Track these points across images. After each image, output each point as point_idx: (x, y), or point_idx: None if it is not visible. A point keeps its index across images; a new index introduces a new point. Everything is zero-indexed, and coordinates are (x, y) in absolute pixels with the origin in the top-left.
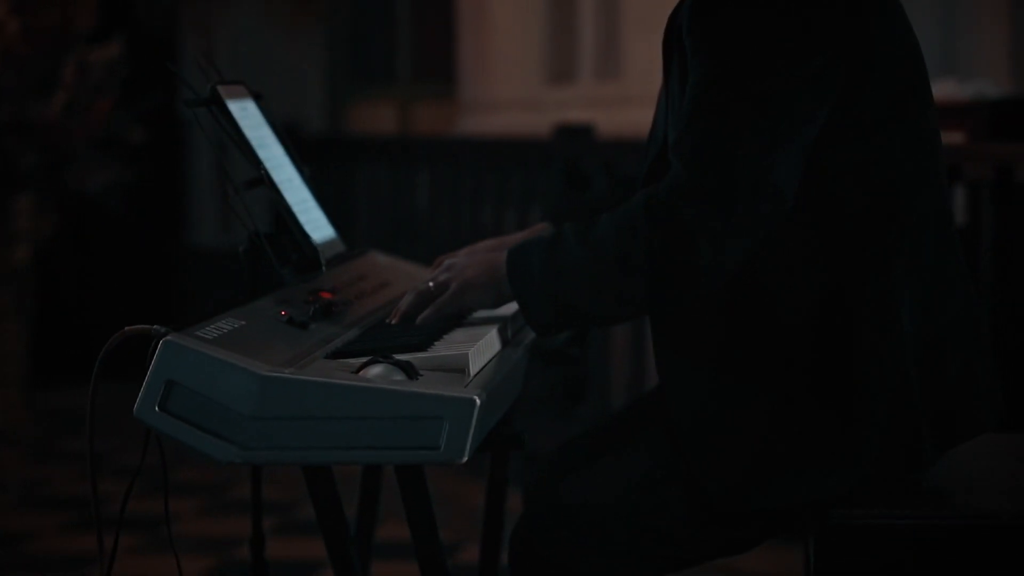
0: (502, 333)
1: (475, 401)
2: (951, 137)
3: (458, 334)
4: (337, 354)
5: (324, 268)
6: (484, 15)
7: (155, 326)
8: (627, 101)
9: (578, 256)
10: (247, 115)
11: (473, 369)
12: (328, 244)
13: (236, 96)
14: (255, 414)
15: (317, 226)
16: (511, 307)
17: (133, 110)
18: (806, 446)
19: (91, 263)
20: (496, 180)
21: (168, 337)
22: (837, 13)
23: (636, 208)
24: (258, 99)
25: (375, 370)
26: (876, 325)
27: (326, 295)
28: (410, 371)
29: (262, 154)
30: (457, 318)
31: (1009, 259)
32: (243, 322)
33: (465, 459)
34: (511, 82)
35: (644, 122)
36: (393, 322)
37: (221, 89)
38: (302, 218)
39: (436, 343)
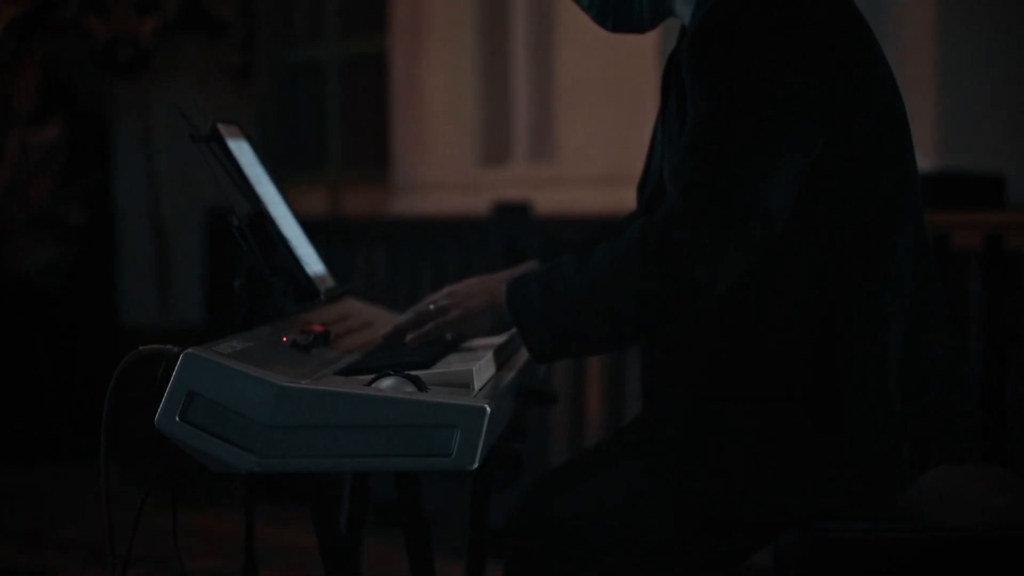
0: (496, 358)
1: (486, 409)
2: None
3: (454, 358)
4: (346, 371)
5: (323, 297)
6: (418, 97)
7: (168, 346)
8: (561, 182)
9: (575, 283)
10: (243, 153)
11: (477, 385)
12: (321, 278)
13: (233, 135)
14: (273, 423)
15: (310, 261)
16: (502, 336)
17: (71, 190)
18: (792, 462)
19: (26, 342)
20: (434, 259)
21: (190, 350)
22: (832, 50)
23: (632, 235)
24: (249, 140)
25: (387, 382)
26: (863, 349)
27: (319, 328)
28: (419, 384)
29: (259, 191)
30: (451, 345)
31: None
32: (250, 344)
33: (476, 466)
34: (446, 164)
35: (579, 201)
36: (389, 334)
37: (221, 127)
38: (298, 252)
39: (438, 363)
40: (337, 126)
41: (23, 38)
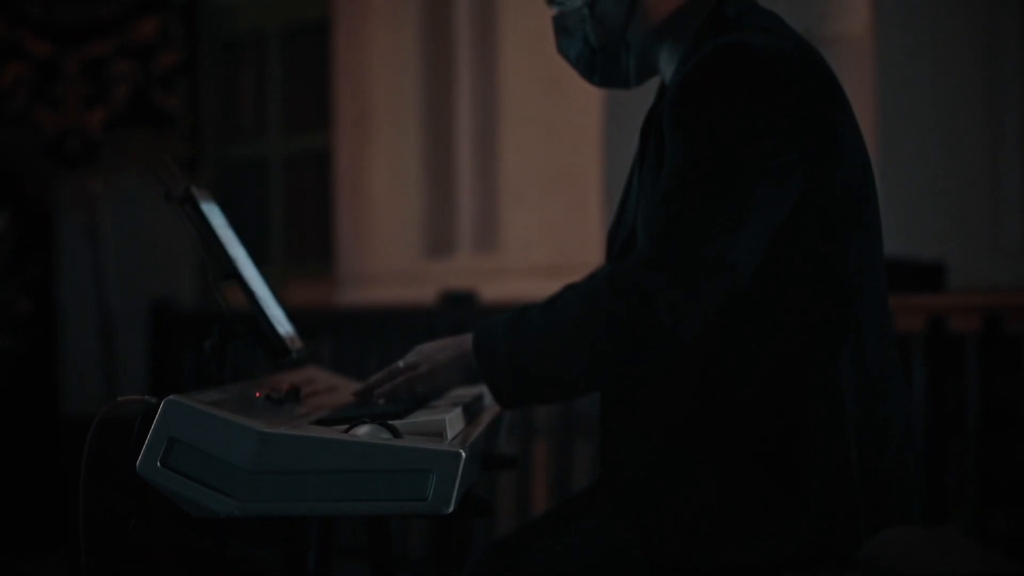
0: (465, 414)
1: (461, 454)
2: None
3: (424, 412)
4: (322, 421)
5: (294, 355)
6: (362, 190)
7: (147, 397)
8: (506, 272)
9: (541, 326)
10: (215, 215)
11: (450, 434)
12: (291, 338)
13: (205, 198)
14: (254, 469)
15: (280, 321)
16: (470, 391)
17: (16, 281)
18: (751, 515)
19: None
20: (380, 349)
21: (171, 397)
22: (808, 115)
23: (599, 279)
24: (220, 204)
25: (363, 429)
26: (822, 406)
27: (288, 386)
28: (394, 431)
29: (231, 252)
30: (421, 401)
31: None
32: (225, 396)
33: (451, 510)
34: (391, 255)
35: (524, 291)
36: (361, 392)
37: (193, 189)
38: (268, 312)
39: (410, 415)
40: (281, 220)
41: None
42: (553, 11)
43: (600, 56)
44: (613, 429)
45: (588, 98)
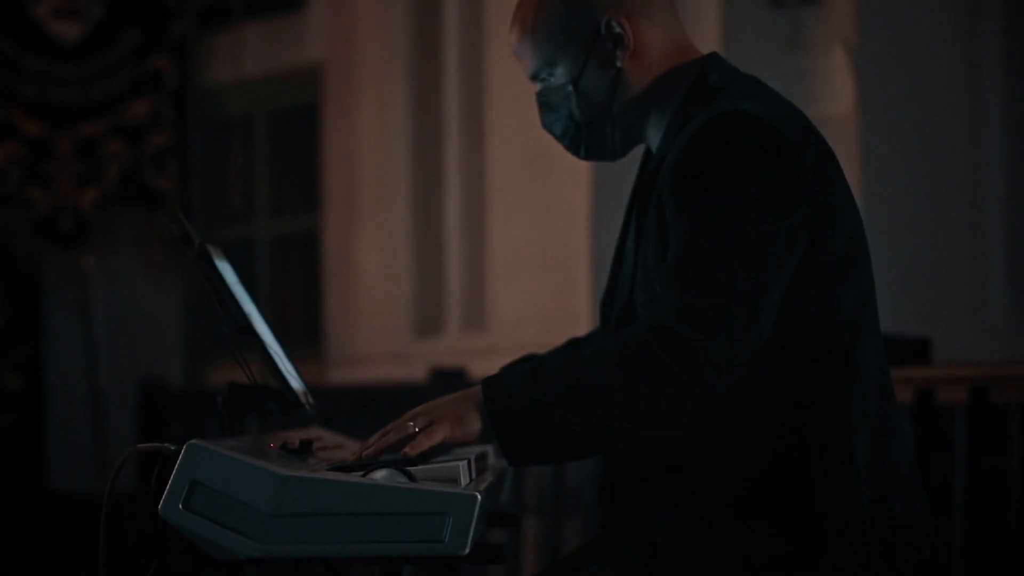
0: (467, 469)
1: (477, 497)
2: None
3: (437, 461)
4: (338, 467)
5: (309, 410)
6: (351, 271)
7: (165, 444)
8: (495, 351)
9: (568, 377)
10: (228, 272)
11: (463, 481)
12: (303, 393)
13: (218, 255)
14: (274, 511)
15: (292, 376)
16: (474, 450)
17: (7, 358)
18: (767, 569)
19: None
20: (370, 428)
21: (193, 441)
22: (807, 176)
23: (638, 333)
24: (230, 261)
25: (380, 473)
26: (832, 458)
27: (300, 440)
28: (410, 476)
29: (245, 308)
30: (426, 458)
31: None
32: (241, 445)
33: (467, 552)
34: (379, 335)
35: None
36: (369, 452)
37: (209, 247)
38: (280, 368)
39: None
40: (268, 302)
41: None
42: (537, 87)
43: (586, 131)
44: (620, 486)
45: (576, 176)
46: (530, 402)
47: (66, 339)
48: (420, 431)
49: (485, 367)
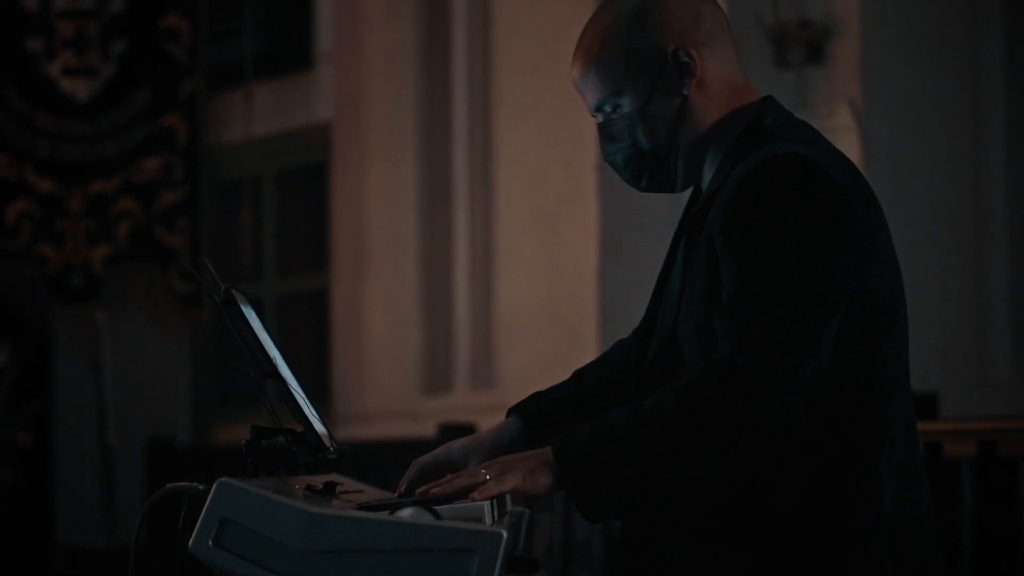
0: (490, 510)
1: (503, 535)
2: None
3: (461, 502)
4: (364, 507)
5: (334, 454)
6: (359, 329)
7: (194, 484)
8: (502, 408)
9: (633, 427)
10: (253, 317)
11: (488, 520)
12: (327, 436)
13: (243, 301)
14: (303, 548)
15: (316, 420)
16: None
17: (17, 414)
18: None
19: None
20: (378, 483)
21: (224, 479)
22: (855, 220)
23: (700, 373)
24: (255, 306)
25: (407, 511)
26: (861, 506)
27: (324, 483)
28: (436, 514)
29: (270, 353)
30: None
31: None
32: (267, 485)
33: None
34: (388, 393)
35: None
36: (437, 491)
37: (235, 292)
38: (305, 412)
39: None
40: None
41: None
42: (599, 119)
43: (649, 160)
44: (644, 519)
45: (584, 235)
46: (601, 455)
47: (75, 395)
48: (491, 478)
49: (494, 424)
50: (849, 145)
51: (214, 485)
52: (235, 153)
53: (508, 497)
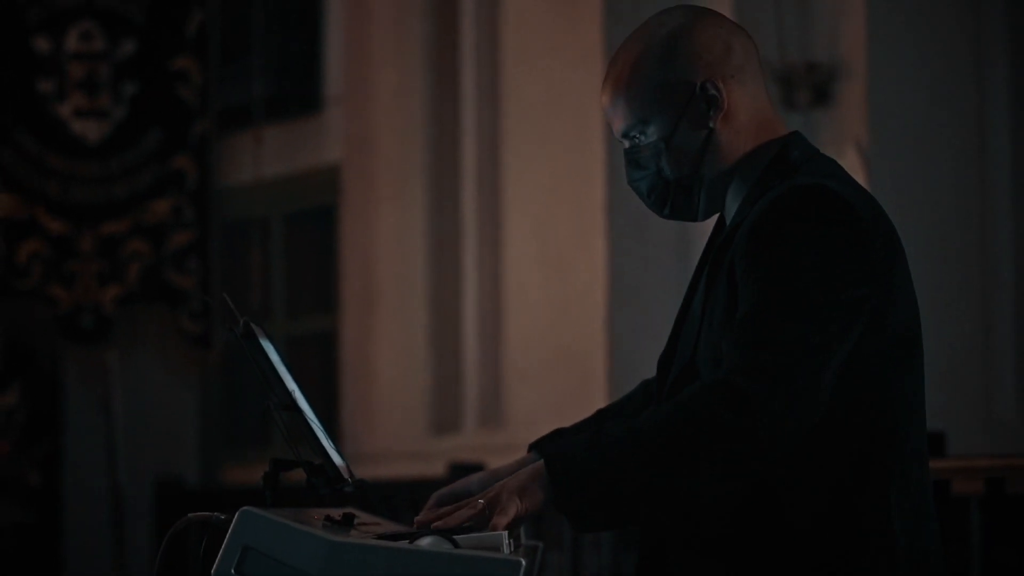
0: (507, 540)
1: (521, 563)
2: None
3: (478, 532)
4: (383, 536)
5: (352, 486)
6: (368, 369)
7: (215, 513)
8: (512, 449)
9: (628, 441)
10: (271, 351)
11: (505, 550)
12: (344, 468)
13: (262, 335)
14: None
15: (334, 452)
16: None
17: (28, 454)
18: None
19: None
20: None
21: (245, 508)
22: (874, 255)
23: (695, 389)
24: (271, 339)
25: (426, 540)
26: (873, 537)
27: (342, 514)
28: (454, 543)
29: (288, 385)
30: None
31: None
32: (287, 514)
33: None
34: (397, 433)
35: None
36: (439, 524)
37: (253, 326)
38: (324, 443)
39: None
40: None
41: None
42: (626, 144)
43: (674, 189)
44: (658, 547)
45: (592, 276)
46: (592, 466)
47: (84, 435)
48: (491, 509)
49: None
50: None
51: (236, 513)
52: (244, 195)
53: (522, 530)
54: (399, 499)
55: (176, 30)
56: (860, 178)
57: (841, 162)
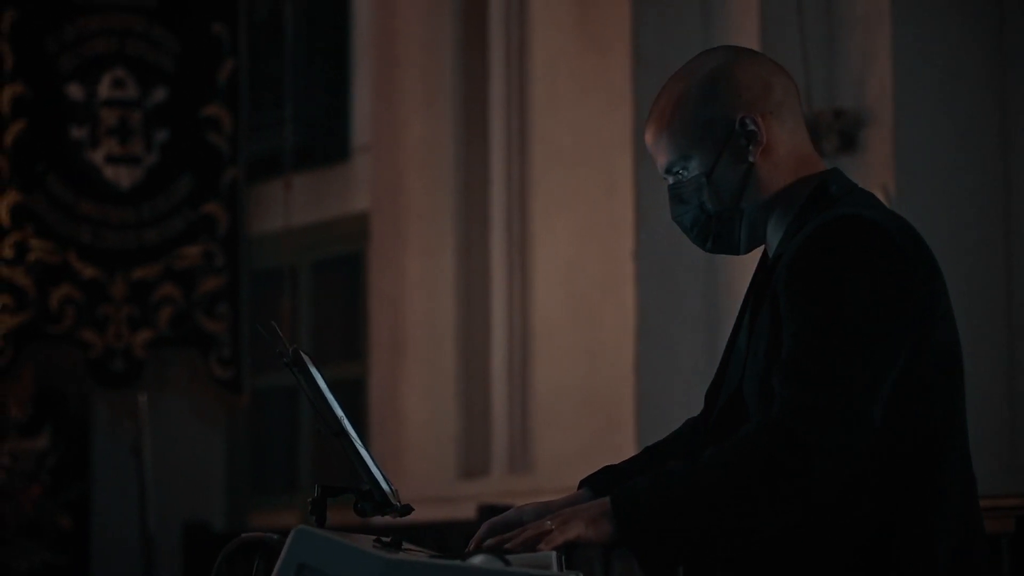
0: (558, 559)
1: None
2: None
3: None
4: (434, 556)
5: (398, 508)
6: (396, 415)
7: (268, 533)
8: (539, 493)
9: (689, 481)
10: (319, 378)
11: (555, 568)
12: (393, 493)
13: (310, 362)
14: None
15: (381, 477)
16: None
17: (58, 498)
18: None
19: None
20: None
21: (301, 527)
22: (915, 282)
23: (750, 428)
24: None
25: (478, 559)
26: (915, 559)
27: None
28: (506, 562)
29: (337, 412)
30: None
31: None
32: (339, 535)
33: None
34: (425, 478)
35: None
36: (508, 546)
37: (302, 354)
38: (371, 468)
39: None
40: (313, 446)
41: (19, 348)
42: (669, 180)
43: (716, 223)
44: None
45: (620, 323)
46: (656, 505)
47: (114, 479)
48: (555, 529)
49: None
50: None
51: (291, 532)
52: (274, 242)
53: (563, 560)
54: (428, 543)
55: (207, 78)
56: None
57: None
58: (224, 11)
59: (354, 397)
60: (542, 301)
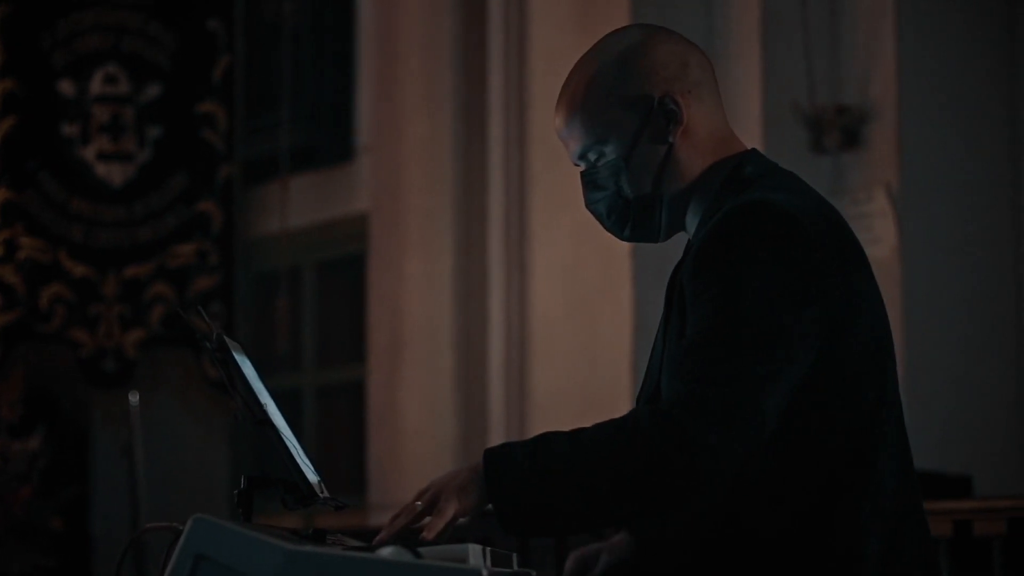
0: (480, 553)
1: (482, 572)
2: None
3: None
4: (345, 547)
5: (322, 503)
6: (395, 419)
7: (174, 523)
8: None
9: (565, 454)
10: (246, 365)
11: (473, 562)
12: (318, 485)
13: (236, 349)
14: None
15: (308, 468)
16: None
17: (50, 500)
18: None
19: None
20: None
21: (198, 515)
22: (828, 271)
23: (639, 416)
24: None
25: (387, 550)
26: (842, 558)
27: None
28: (416, 553)
29: (262, 399)
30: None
31: None
32: (251, 526)
33: None
34: (423, 481)
35: None
36: (382, 537)
37: (227, 339)
38: (297, 460)
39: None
40: (313, 449)
41: (9, 347)
42: (581, 167)
43: (634, 209)
44: (644, 568)
45: (618, 323)
46: (525, 475)
47: (109, 480)
48: (428, 510)
49: None
50: (886, 230)
51: (188, 521)
52: (273, 244)
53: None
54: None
55: (202, 75)
56: (889, 221)
57: (871, 205)
58: (220, 8)
59: (355, 400)
60: (540, 302)
